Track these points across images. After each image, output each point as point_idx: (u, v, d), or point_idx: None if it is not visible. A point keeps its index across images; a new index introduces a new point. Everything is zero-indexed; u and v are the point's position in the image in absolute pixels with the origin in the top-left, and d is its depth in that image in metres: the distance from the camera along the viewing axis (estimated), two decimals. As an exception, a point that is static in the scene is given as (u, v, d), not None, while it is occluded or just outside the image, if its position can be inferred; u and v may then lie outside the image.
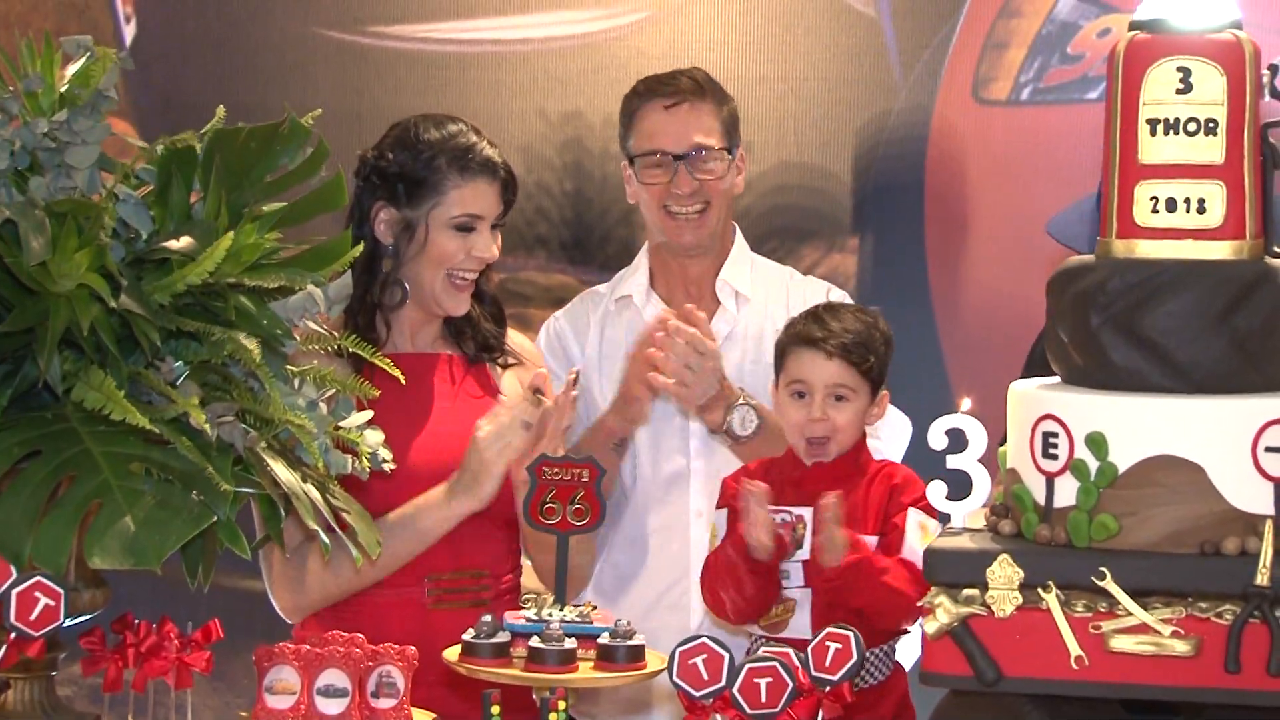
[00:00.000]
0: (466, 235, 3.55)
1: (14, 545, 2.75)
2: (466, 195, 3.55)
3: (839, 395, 3.42)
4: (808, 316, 3.50)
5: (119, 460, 2.77)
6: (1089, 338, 2.75)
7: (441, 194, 3.54)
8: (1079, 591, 2.64)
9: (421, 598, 3.50)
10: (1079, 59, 4.76)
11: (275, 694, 2.95)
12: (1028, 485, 2.76)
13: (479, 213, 3.55)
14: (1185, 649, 2.60)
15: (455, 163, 3.54)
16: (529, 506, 3.11)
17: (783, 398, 3.46)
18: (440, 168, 3.54)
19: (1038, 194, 4.65)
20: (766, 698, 2.82)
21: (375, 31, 5.12)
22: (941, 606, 2.67)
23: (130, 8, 5.23)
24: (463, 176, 3.54)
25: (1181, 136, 2.74)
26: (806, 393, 3.42)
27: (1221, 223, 2.74)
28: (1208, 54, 2.74)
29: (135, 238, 2.90)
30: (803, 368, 3.43)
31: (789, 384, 3.45)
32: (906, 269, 4.87)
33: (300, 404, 2.96)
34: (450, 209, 3.54)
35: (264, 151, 3.03)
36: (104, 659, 2.90)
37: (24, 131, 2.85)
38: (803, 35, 4.94)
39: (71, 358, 2.82)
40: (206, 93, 3.34)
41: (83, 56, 2.95)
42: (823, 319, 3.47)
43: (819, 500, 3.27)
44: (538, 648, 2.94)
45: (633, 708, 3.79)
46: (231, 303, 2.94)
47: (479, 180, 3.55)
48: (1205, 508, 2.65)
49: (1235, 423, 2.66)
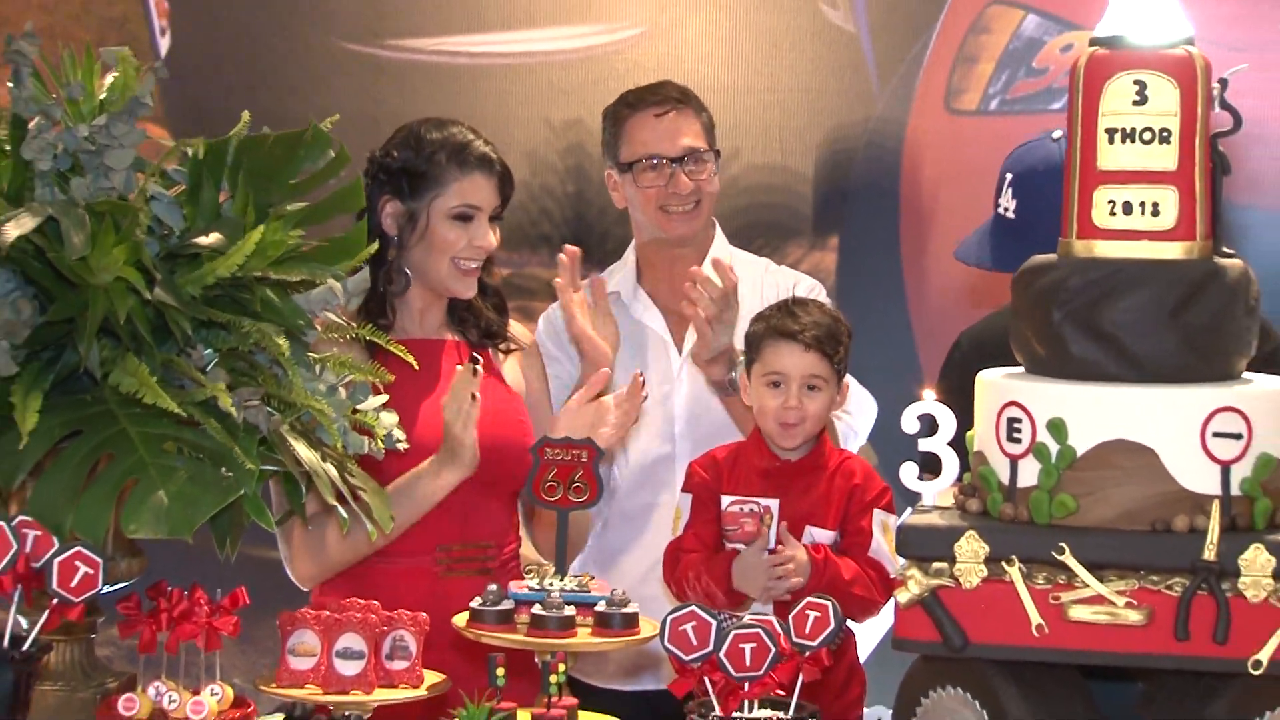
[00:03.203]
0: (466, 225, 3.56)
1: (56, 518, 2.75)
2: (465, 187, 3.56)
3: (812, 385, 3.41)
4: (779, 310, 3.49)
5: (153, 440, 2.77)
6: (1050, 331, 2.75)
7: (442, 186, 3.56)
8: (1040, 565, 2.64)
9: (432, 567, 3.51)
10: (1043, 72, 4.76)
11: (297, 656, 2.95)
12: (993, 466, 2.76)
13: (477, 204, 3.57)
14: (1138, 618, 2.60)
15: (454, 158, 3.57)
16: (532, 484, 3.11)
17: (758, 386, 3.45)
18: (440, 162, 3.56)
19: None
20: (751, 662, 2.82)
21: (392, 44, 5.12)
22: (913, 578, 2.67)
23: (165, 22, 5.23)
24: (461, 170, 3.56)
25: (1137, 145, 2.74)
26: (782, 382, 3.41)
27: (1174, 225, 2.74)
28: (1162, 68, 2.74)
29: (169, 234, 2.90)
30: (780, 359, 3.42)
31: (766, 374, 3.43)
32: (882, 265, 4.87)
33: (320, 389, 2.96)
34: (450, 200, 3.56)
35: (288, 156, 3.03)
36: (139, 623, 2.89)
37: (66, 135, 2.84)
38: (787, 49, 4.93)
39: (109, 345, 2.82)
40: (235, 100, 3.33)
41: (120, 66, 2.95)
42: (794, 312, 3.46)
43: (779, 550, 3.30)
44: (539, 614, 2.94)
45: (627, 670, 3.79)
46: (257, 295, 2.94)
47: (476, 174, 3.57)
48: (1157, 488, 2.65)
49: (1185, 410, 2.66)
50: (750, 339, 3.49)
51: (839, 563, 3.33)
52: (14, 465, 2.74)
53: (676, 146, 3.85)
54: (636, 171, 3.87)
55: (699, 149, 3.87)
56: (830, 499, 3.42)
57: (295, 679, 2.93)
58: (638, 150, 3.87)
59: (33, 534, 2.75)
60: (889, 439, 3.66)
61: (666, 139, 3.86)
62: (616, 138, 3.92)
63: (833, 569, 3.31)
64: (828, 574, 3.29)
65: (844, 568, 3.32)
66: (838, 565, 3.32)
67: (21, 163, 2.87)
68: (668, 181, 3.84)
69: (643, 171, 3.86)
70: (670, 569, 3.45)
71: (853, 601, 3.25)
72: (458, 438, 3.42)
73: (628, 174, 3.89)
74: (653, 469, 3.88)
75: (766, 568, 3.29)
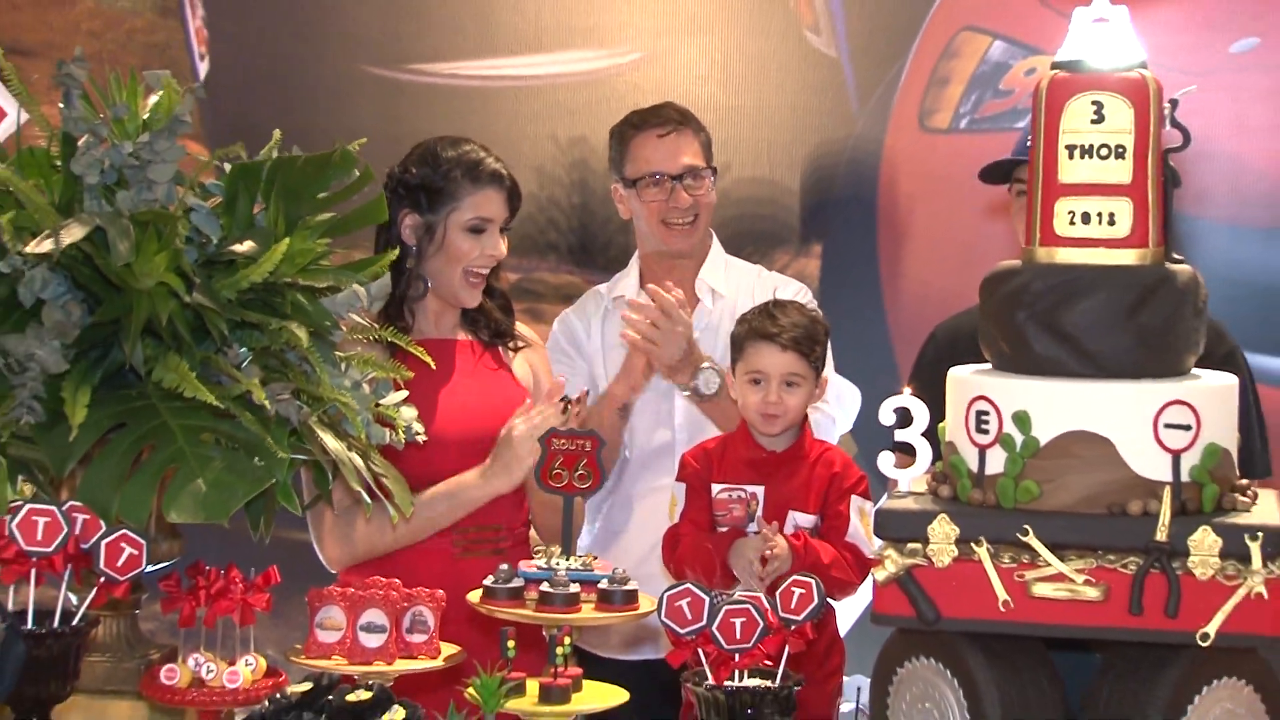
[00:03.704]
0: (478, 236, 3.57)
1: (103, 503, 2.76)
2: (478, 201, 3.57)
3: (791, 381, 3.42)
4: (760, 313, 3.49)
5: (192, 431, 2.77)
6: (1015, 331, 2.75)
7: (457, 201, 3.56)
8: (1006, 546, 2.64)
9: (449, 548, 3.51)
10: (1009, 93, 4.76)
11: (325, 629, 2.95)
12: (963, 455, 2.76)
13: (489, 216, 3.58)
14: (1096, 595, 2.60)
15: (468, 174, 3.57)
16: (540, 472, 3.11)
17: (741, 383, 3.46)
18: (456, 178, 3.57)
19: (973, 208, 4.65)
20: (741, 634, 2.82)
21: (412, 69, 5.12)
22: (890, 558, 2.67)
23: (204, 47, 5.23)
24: (475, 185, 3.57)
25: (1095, 160, 2.74)
26: (763, 380, 3.42)
27: (1129, 233, 2.74)
28: (1118, 90, 2.74)
29: (207, 243, 2.90)
30: (760, 359, 3.43)
31: (748, 372, 3.44)
32: (861, 270, 4.87)
33: (346, 384, 2.97)
34: (465, 213, 3.56)
35: (318, 174, 3.04)
36: (180, 599, 2.90)
37: (112, 152, 2.84)
38: (774, 72, 4.93)
39: (152, 344, 2.82)
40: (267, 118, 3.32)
41: (162, 88, 2.95)
42: (774, 315, 3.47)
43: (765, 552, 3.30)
44: (547, 591, 2.94)
45: (628, 642, 3.80)
46: (288, 298, 2.94)
47: (489, 189, 3.57)
48: (1113, 475, 2.65)
49: (1139, 403, 2.66)
50: (734, 339, 3.50)
51: (818, 548, 3.34)
52: (65, 455, 2.74)
53: (677, 164, 3.86)
54: (640, 187, 3.88)
55: (698, 167, 3.89)
56: (811, 486, 3.43)
57: (323, 651, 2.94)
58: (641, 167, 3.88)
59: (82, 518, 2.75)
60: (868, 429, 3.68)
61: (668, 157, 3.87)
62: (622, 155, 3.93)
63: (812, 554, 3.32)
64: (808, 559, 3.30)
65: (823, 552, 3.33)
66: (817, 550, 3.33)
67: (71, 177, 2.87)
68: (669, 196, 3.86)
69: (646, 187, 3.87)
70: (669, 552, 3.46)
71: (831, 582, 3.26)
72: (519, 457, 3.44)
73: (632, 189, 3.90)
74: (655, 456, 3.89)
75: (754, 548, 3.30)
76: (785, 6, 4.93)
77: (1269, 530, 2.57)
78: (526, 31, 5.07)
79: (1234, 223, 4.65)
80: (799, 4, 4.93)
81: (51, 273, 2.78)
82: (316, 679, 2.76)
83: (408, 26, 5.13)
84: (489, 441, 3.52)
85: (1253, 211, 4.63)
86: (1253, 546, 2.56)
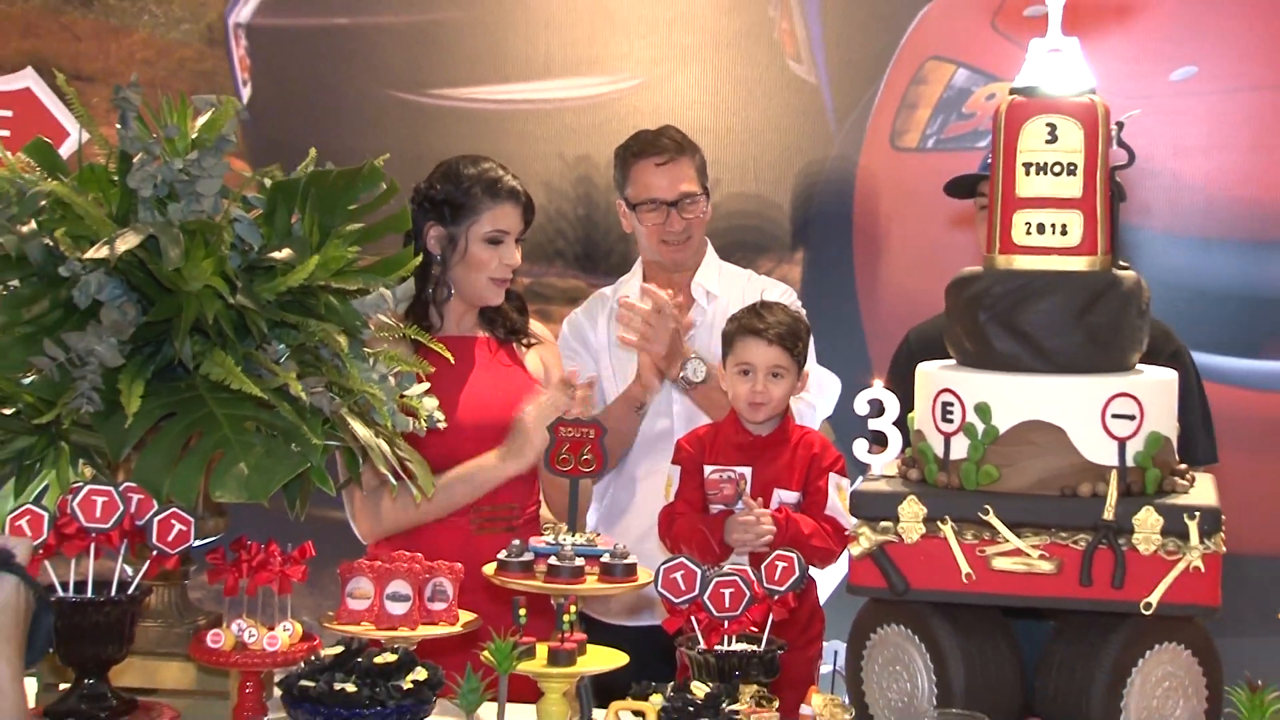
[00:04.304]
0: (496, 246, 3.57)
1: (156, 484, 2.76)
2: (496, 215, 3.56)
3: (775, 373, 3.42)
4: (748, 311, 3.50)
5: (236, 420, 2.77)
6: (977, 330, 2.75)
7: (477, 214, 3.56)
8: (968, 524, 2.64)
9: (467, 525, 3.51)
10: (971, 116, 4.76)
11: (354, 598, 2.95)
12: (930, 443, 2.76)
13: (506, 229, 3.57)
14: (1050, 568, 2.60)
15: (487, 190, 3.57)
16: (548, 457, 3.11)
17: (731, 374, 3.46)
18: (476, 194, 3.56)
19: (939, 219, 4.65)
20: (730, 603, 2.82)
21: (433, 93, 5.11)
22: (864, 535, 2.67)
23: (247, 74, 5.22)
24: (493, 201, 3.56)
25: (1049, 176, 2.74)
26: (750, 371, 3.42)
27: (1079, 242, 2.74)
28: (1070, 113, 2.74)
29: (249, 250, 2.90)
30: (748, 352, 3.43)
31: (736, 364, 3.45)
32: (839, 274, 4.87)
33: (374, 377, 2.96)
34: (484, 226, 3.56)
35: (348, 187, 3.04)
36: (224, 571, 2.90)
37: (164, 168, 2.84)
38: (760, 97, 4.93)
39: (199, 341, 2.82)
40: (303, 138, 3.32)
41: (209, 111, 2.95)
42: (761, 314, 3.48)
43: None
44: (555, 565, 2.94)
45: (628, 610, 3.80)
46: (322, 300, 2.94)
47: (506, 204, 3.57)
48: (1065, 460, 2.65)
49: (1089, 396, 2.66)
50: (725, 336, 3.51)
51: (799, 520, 3.35)
52: (121, 440, 2.74)
53: (674, 191, 3.86)
54: (640, 210, 3.88)
55: (693, 193, 3.87)
56: (793, 466, 3.43)
57: (353, 617, 2.94)
58: (641, 193, 3.87)
59: (136, 497, 2.75)
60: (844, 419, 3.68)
61: (665, 185, 3.86)
62: (625, 178, 3.92)
63: (794, 526, 3.33)
64: (790, 530, 3.31)
65: (804, 524, 3.34)
66: (798, 523, 3.34)
67: (127, 190, 2.87)
68: (665, 219, 3.86)
69: (645, 211, 3.87)
70: (665, 528, 3.46)
71: (813, 551, 3.27)
72: (531, 440, 3.45)
73: (633, 210, 3.90)
74: (655, 440, 3.88)
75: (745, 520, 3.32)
76: (770, 38, 4.92)
77: (1205, 510, 2.58)
78: (536, 60, 5.07)
79: (1172, 233, 4.65)
80: (782, 35, 4.93)
81: (108, 277, 2.78)
82: (347, 643, 2.76)
83: (429, 56, 5.12)
84: (503, 428, 3.52)
85: (1189, 222, 4.64)
86: (1191, 525, 2.56)
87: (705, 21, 4.97)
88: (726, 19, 4.96)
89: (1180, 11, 4.66)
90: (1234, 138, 4.62)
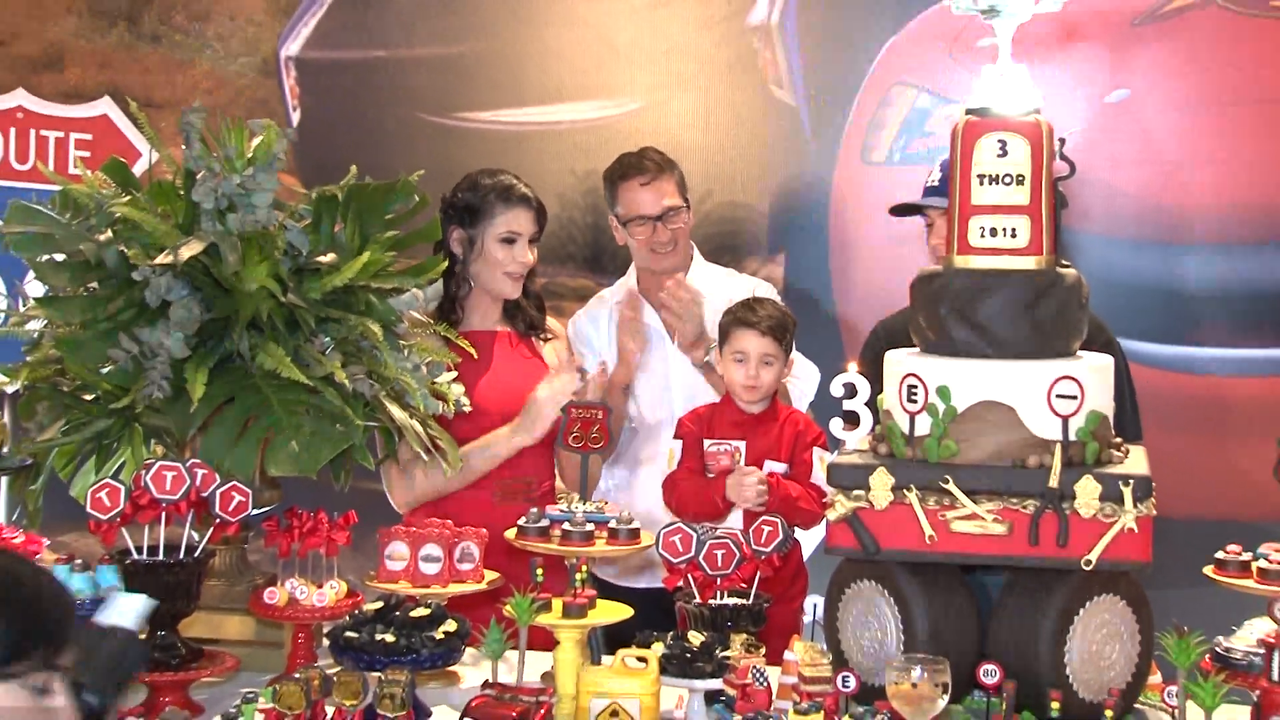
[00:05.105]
0: (510, 245, 3.57)
1: (218, 460, 2.77)
2: (509, 218, 3.57)
3: (767, 360, 3.41)
4: (742, 305, 3.49)
5: (288, 404, 2.78)
6: (938, 321, 2.74)
7: (493, 218, 3.56)
8: (931, 491, 2.63)
9: (490, 496, 3.50)
10: (931, 134, 4.74)
11: (392, 560, 2.95)
12: (897, 421, 2.75)
13: (518, 230, 3.57)
14: (1002, 530, 2.59)
15: (501, 196, 3.57)
16: (561, 435, 3.11)
17: (728, 361, 3.45)
18: (491, 200, 3.57)
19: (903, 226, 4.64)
20: (722, 563, 2.83)
21: (458, 116, 5.10)
22: (839, 502, 2.66)
23: (297, 101, 5.21)
24: (506, 205, 3.57)
25: (1000, 186, 2.73)
26: (745, 359, 3.41)
27: (1027, 244, 2.73)
28: (1018, 130, 2.73)
29: (298, 254, 2.90)
30: (743, 341, 3.42)
31: (733, 352, 3.44)
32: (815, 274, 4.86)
33: (408, 366, 2.96)
34: (498, 227, 3.56)
35: (384, 199, 3.04)
36: (278, 536, 2.90)
37: (224, 183, 2.84)
38: (746, 119, 4.92)
39: (255, 335, 2.82)
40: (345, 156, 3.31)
41: (262, 133, 2.95)
42: (753, 307, 3.47)
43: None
44: (568, 530, 2.94)
45: (633, 570, 3.79)
46: (362, 299, 2.94)
47: (518, 208, 3.57)
48: (1016, 435, 2.64)
49: (1036, 378, 2.65)
50: (721, 327, 3.50)
51: (788, 485, 3.34)
52: (187, 422, 2.75)
53: (658, 207, 3.82)
54: (630, 226, 3.85)
55: (676, 206, 3.83)
56: (782, 440, 3.42)
57: (390, 577, 2.94)
58: (630, 211, 3.85)
59: (201, 472, 2.76)
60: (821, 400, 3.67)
61: (650, 202, 3.83)
62: (614, 197, 3.89)
63: (784, 488, 3.32)
64: (780, 492, 3.30)
65: (791, 488, 3.33)
66: (787, 486, 3.33)
67: (192, 203, 2.87)
68: (653, 233, 3.83)
69: (635, 226, 3.84)
70: (668, 494, 3.45)
71: (799, 512, 3.26)
72: (543, 416, 3.43)
73: (624, 225, 3.88)
74: (656, 427, 3.87)
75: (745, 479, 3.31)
76: (754, 66, 4.91)
77: (1138, 478, 2.57)
78: (550, 87, 5.06)
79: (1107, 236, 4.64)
80: (765, 65, 4.91)
81: (175, 279, 2.78)
82: (386, 599, 2.76)
83: (456, 84, 5.11)
84: (522, 411, 3.52)
85: (1123, 227, 4.63)
86: (1125, 491, 2.55)
87: (698, 52, 4.96)
88: (716, 50, 4.95)
89: (1114, 42, 4.65)
90: (1161, 152, 4.62)
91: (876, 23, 4.83)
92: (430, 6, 5.15)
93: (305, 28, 5.26)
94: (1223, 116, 4.58)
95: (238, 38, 5.28)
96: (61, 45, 5.33)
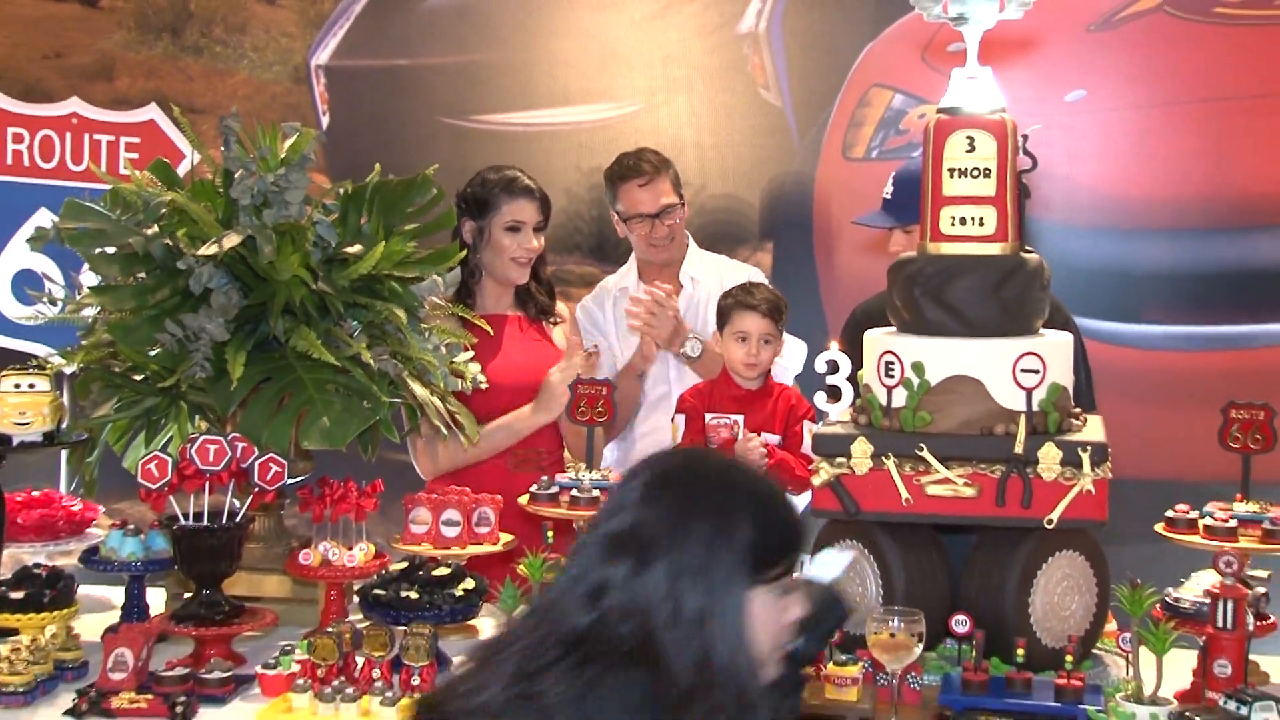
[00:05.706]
0: (515, 234, 3.56)
1: (256, 435, 2.76)
2: (514, 208, 3.55)
3: (766, 339, 3.40)
4: (740, 289, 3.47)
5: (319, 383, 2.77)
6: (913, 303, 2.73)
7: (499, 208, 3.55)
8: (907, 458, 2.62)
9: (505, 465, 3.50)
10: (906, 132, 4.73)
11: (416, 524, 2.95)
12: (875, 394, 2.74)
13: (523, 219, 3.56)
14: (972, 493, 2.59)
15: (506, 189, 3.56)
16: (569, 409, 3.10)
17: (729, 341, 3.43)
18: (497, 192, 3.56)
19: (881, 215, 4.63)
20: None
21: (474, 118, 5.09)
22: (823, 468, 2.66)
23: (326, 106, 5.20)
24: (510, 196, 3.56)
25: (969, 179, 2.72)
26: (746, 338, 3.40)
27: (994, 232, 2.72)
28: (985, 128, 2.71)
29: (327, 246, 2.88)
30: (744, 322, 3.40)
31: (734, 333, 3.41)
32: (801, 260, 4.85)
33: (429, 347, 2.96)
34: (504, 217, 3.55)
35: (405, 194, 3.02)
36: (312, 502, 2.89)
37: (259, 182, 2.83)
38: (737, 119, 4.90)
39: (289, 320, 2.81)
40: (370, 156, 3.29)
41: (294, 135, 2.93)
42: (752, 291, 3.45)
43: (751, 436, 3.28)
44: (576, 495, 2.93)
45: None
46: (386, 285, 2.93)
47: (521, 199, 3.56)
48: (984, 407, 2.63)
49: (1002, 355, 2.64)
50: (721, 309, 3.47)
51: (783, 454, 3.32)
52: (228, 400, 2.74)
53: (656, 205, 3.78)
54: (630, 223, 3.82)
55: (672, 204, 3.79)
56: (776, 414, 3.41)
57: (414, 539, 2.94)
58: (629, 209, 3.81)
59: (241, 445, 2.75)
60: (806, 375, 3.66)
61: (648, 201, 3.79)
62: (614, 196, 3.86)
63: (778, 456, 3.30)
64: (777, 457, 3.28)
65: (784, 456, 3.32)
66: (781, 455, 3.31)
67: (230, 200, 2.86)
68: (651, 229, 3.80)
69: (634, 223, 3.81)
70: None
71: (793, 478, 3.24)
72: (557, 396, 3.43)
73: (624, 222, 3.86)
74: (658, 401, 3.86)
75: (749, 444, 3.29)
76: (744, 70, 4.89)
77: (1095, 444, 2.57)
78: (557, 91, 5.04)
79: (1067, 224, 4.63)
80: (754, 69, 4.90)
81: (216, 269, 2.77)
82: (411, 559, 2.76)
83: (471, 89, 5.10)
84: (533, 389, 3.51)
85: (1081, 215, 4.62)
86: (1084, 456, 2.55)
87: (692, 58, 4.94)
88: (710, 56, 4.93)
89: (1072, 46, 4.64)
90: (1116, 147, 4.61)
91: (855, 30, 4.82)
92: (448, 19, 5.13)
93: (334, 39, 5.24)
94: (1170, 114, 4.57)
95: (272, 48, 5.26)
96: (112, 57, 5.33)
